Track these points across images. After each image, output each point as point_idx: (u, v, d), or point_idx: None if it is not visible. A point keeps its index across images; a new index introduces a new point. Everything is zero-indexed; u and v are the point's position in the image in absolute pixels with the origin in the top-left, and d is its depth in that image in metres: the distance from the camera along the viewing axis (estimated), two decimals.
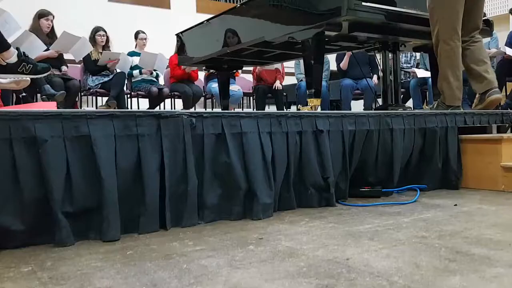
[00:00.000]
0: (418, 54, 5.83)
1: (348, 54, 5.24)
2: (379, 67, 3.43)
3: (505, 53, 4.55)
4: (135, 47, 5.63)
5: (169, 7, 9.06)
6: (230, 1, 9.89)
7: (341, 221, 1.42)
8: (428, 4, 2.80)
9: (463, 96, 4.70)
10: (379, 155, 1.86)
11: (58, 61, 4.52)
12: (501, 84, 4.67)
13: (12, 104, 3.73)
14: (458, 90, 2.70)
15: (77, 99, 4.70)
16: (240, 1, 9.91)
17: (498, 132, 2.35)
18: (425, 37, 3.07)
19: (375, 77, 5.45)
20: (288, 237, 1.23)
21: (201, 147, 1.43)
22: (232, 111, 1.52)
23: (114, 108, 4.69)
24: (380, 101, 3.81)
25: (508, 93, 4.65)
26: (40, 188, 1.17)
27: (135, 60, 5.48)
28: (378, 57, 3.47)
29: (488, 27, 3.17)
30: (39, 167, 1.17)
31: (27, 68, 1.97)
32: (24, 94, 3.68)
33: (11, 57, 1.92)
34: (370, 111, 1.84)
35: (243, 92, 6.05)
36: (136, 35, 5.49)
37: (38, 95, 3.92)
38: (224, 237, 1.25)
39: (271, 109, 6.66)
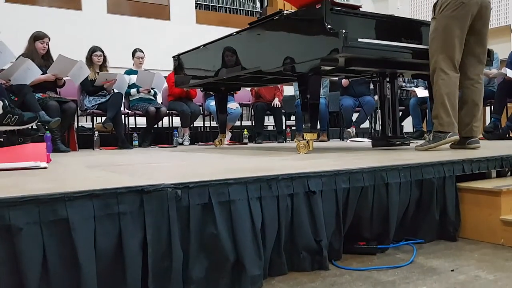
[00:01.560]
0: None
1: None
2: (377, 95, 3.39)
3: (505, 75, 4.49)
4: (133, 65, 5.59)
5: (168, 19, 9.05)
6: (229, 12, 9.87)
7: None
8: (429, 34, 2.80)
9: None
10: (374, 211, 1.81)
11: (54, 83, 4.49)
12: (502, 106, 4.63)
13: None
14: (454, 118, 2.69)
15: (73, 121, 4.65)
16: (238, 12, 9.89)
17: (497, 176, 2.29)
18: (424, 69, 3.03)
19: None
20: None
21: (186, 220, 1.38)
22: (219, 179, 1.46)
23: (111, 130, 4.65)
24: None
25: (508, 115, 4.59)
26: (14, 278, 1.12)
27: (133, 78, 5.45)
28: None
29: (488, 56, 3.12)
30: (14, 256, 1.12)
31: (12, 119, 1.93)
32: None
33: None
34: (364, 167, 1.78)
35: (242, 103, 6.00)
36: (134, 53, 5.46)
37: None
38: None
39: (270, 120, 6.62)
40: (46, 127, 3.83)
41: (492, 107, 4.66)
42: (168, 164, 2.23)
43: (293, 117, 6.64)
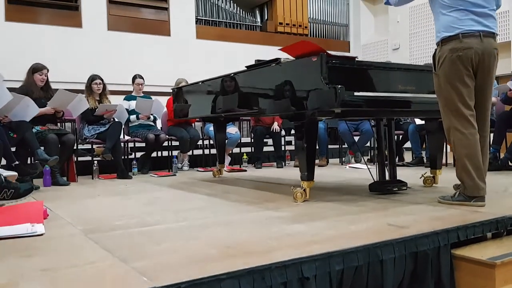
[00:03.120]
0: None
1: None
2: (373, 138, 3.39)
3: (510, 89, 4.46)
4: (133, 91, 5.60)
5: (169, 34, 9.06)
6: (229, 26, 9.87)
7: None
8: (435, 90, 2.63)
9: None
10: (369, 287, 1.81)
11: (53, 114, 4.51)
12: (501, 136, 4.62)
13: None
14: (480, 180, 2.52)
15: (72, 153, 4.66)
16: (238, 27, 9.90)
17: (493, 237, 2.28)
18: (420, 115, 3.03)
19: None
20: None
21: None
22: (211, 275, 1.46)
23: (110, 160, 4.67)
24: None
25: (508, 146, 4.58)
26: None
27: (132, 104, 5.47)
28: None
29: None
30: None
31: (8, 193, 1.94)
32: None
33: None
34: (359, 245, 1.78)
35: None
36: (133, 79, 5.48)
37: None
38: None
39: (270, 140, 6.62)
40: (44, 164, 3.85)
41: (492, 137, 4.65)
42: (165, 232, 2.17)
43: (293, 131, 6.65)
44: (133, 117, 5.39)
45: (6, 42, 7.51)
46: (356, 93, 2.62)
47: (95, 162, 4.88)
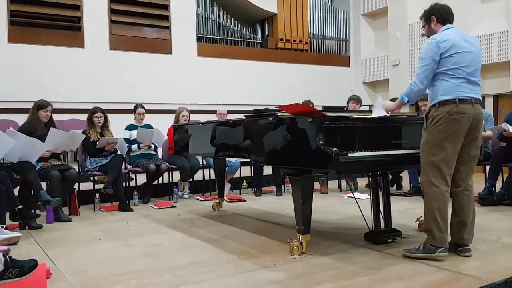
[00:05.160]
0: None
1: None
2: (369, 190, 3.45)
3: (504, 130, 4.53)
4: (134, 120, 5.69)
5: (170, 53, 9.14)
6: (230, 43, 9.95)
7: None
8: (421, 144, 2.81)
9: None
10: None
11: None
12: (497, 171, 4.68)
13: None
14: (446, 232, 2.75)
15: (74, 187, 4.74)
16: (239, 44, 9.98)
17: None
18: (415, 167, 3.09)
19: None
20: None
21: None
22: None
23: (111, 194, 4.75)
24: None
25: (504, 181, 4.64)
26: None
27: (134, 134, 5.56)
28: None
29: None
30: None
31: (13, 272, 2.01)
32: None
33: None
34: None
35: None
36: (135, 109, 5.58)
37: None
38: None
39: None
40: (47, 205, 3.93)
41: (487, 172, 4.72)
42: None
43: None
44: (134, 146, 5.47)
45: (9, 63, 7.60)
46: (350, 154, 2.69)
47: (97, 194, 4.95)
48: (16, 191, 3.97)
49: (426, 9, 2.96)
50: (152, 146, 5.56)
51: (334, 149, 2.59)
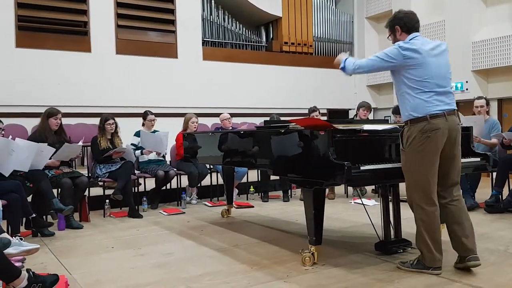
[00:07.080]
0: None
1: None
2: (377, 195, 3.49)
3: (504, 138, 4.57)
4: (143, 126, 5.74)
5: (176, 57, 9.19)
6: (235, 47, 9.99)
7: None
8: (402, 166, 2.80)
9: (465, 187, 4.73)
10: None
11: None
12: (504, 179, 4.71)
13: None
14: (437, 252, 2.74)
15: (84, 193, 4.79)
16: (243, 47, 10.02)
17: None
18: None
19: None
20: None
21: None
22: None
23: (121, 200, 4.80)
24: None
25: (510, 188, 4.67)
26: None
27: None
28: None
29: None
30: None
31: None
32: None
33: (22, 282, 2.02)
34: None
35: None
36: (145, 116, 5.62)
37: None
38: None
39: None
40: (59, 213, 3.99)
41: (494, 179, 4.75)
42: None
43: None
44: (138, 152, 5.50)
45: (17, 67, 7.66)
46: (362, 167, 2.73)
47: (107, 201, 5.00)
48: (28, 199, 4.02)
49: (389, 18, 2.88)
50: (154, 153, 5.54)
51: (346, 162, 2.63)
